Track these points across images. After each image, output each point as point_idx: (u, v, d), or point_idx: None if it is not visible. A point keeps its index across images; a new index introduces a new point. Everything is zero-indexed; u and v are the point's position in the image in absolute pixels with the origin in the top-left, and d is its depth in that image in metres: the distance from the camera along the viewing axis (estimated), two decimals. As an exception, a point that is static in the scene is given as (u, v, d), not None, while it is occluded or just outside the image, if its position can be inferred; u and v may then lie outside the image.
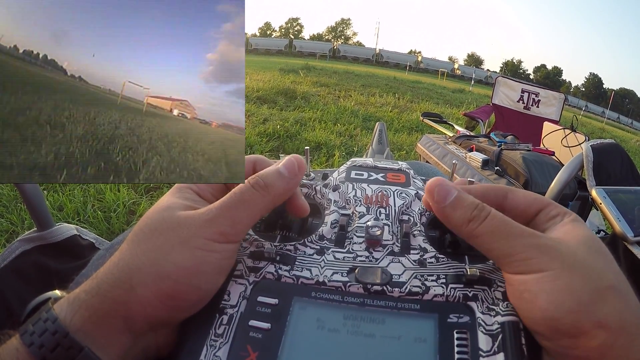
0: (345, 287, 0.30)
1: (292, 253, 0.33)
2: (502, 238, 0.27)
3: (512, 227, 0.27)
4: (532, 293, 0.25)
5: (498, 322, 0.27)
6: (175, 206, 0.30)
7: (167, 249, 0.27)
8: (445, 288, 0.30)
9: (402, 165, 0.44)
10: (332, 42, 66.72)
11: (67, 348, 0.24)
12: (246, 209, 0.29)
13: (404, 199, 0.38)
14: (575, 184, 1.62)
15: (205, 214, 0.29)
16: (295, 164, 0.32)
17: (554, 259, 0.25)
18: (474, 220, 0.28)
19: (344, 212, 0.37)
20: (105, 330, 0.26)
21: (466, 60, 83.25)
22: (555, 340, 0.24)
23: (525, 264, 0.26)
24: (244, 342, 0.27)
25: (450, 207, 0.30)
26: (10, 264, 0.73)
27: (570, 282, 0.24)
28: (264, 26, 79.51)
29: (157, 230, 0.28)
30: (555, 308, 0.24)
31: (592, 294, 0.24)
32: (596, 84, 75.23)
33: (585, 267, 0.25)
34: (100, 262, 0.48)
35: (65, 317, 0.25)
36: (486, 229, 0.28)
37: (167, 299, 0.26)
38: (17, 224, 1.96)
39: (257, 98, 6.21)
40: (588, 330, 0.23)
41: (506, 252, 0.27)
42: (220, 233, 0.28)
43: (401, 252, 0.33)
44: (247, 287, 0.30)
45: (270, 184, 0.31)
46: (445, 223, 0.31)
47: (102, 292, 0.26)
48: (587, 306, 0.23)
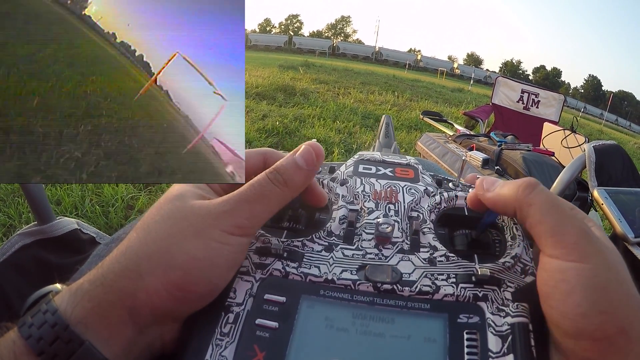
0: (355, 285, 0.29)
1: (299, 249, 0.32)
2: (554, 212, 0.26)
3: (564, 204, 0.27)
4: (569, 284, 0.24)
5: (508, 323, 0.27)
6: (188, 195, 0.29)
7: (180, 238, 0.26)
8: (456, 288, 0.29)
9: (411, 160, 0.43)
10: (332, 40, 66.71)
11: (66, 341, 0.23)
12: (265, 203, 0.29)
13: (413, 195, 0.37)
14: (575, 185, 1.63)
15: (222, 205, 0.28)
16: (313, 153, 0.31)
17: (598, 253, 0.25)
18: (526, 187, 0.28)
19: (353, 207, 0.36)
20: (108, 322, 0.25)
21: (465, 60, 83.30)
22: (576, 339, 0.24)
23: (570, 248, 0.25)
24: (250, 341, 0.26)
25: (499, 187, 0.31)
26: (10, 258, 0.72)
27: (607, 281, 0.24)
28: (264, 22, 79.30)
29: (170, 218, 0.27)
30: (589, 305, 0.23)
31: (623, 299, 0.23)
32: (595, 86, 75.42)
33: (619, 270, 0.25)
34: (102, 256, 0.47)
35: (66, 309, 0.24)
36: (541, 197, 0.27)
37: (176, 289, 0.26)
38: (14, 217, 1.95)
39: (256, 94, 6.20)
40: (611, 334, 0.23)
41: (557, 229, 0.26)
42: (237, 226, 0.28)
43: (411, 250, 0.32)
44: (253, 284, 0.29)
45: (290, 179, 0.30)
46: (495, 205, 0.31)
47: (107, 281, 0.25)
48: (616, 310, 0.23)
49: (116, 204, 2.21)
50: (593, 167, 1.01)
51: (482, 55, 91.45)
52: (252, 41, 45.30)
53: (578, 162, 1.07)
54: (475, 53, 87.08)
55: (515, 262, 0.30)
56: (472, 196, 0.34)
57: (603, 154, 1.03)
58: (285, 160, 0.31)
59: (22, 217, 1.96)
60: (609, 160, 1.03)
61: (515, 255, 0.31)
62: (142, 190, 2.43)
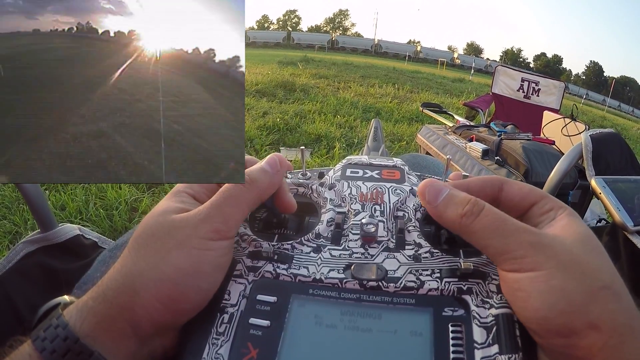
0: (342, 283, 0.31)
1: (289, 252, 0.33)
2: (497, 235, 0.27)
3: (507, 223, 0.27)
4: (525, 292, 0.25)
5: (492, 315, 0.28)
6: (170, 210, 0.31)
7: (164, 252, 0.28)
8: (440, 282, 0.30)
9: (397, 162, 0.44)
10: (331, 34, 66.38)
11: (77, 353, 0.25)
12: (235, 204, 0.31)
13: (399, 195, 0.39)
14: (576, 173, 1.63)
15: (198, 214, 0.30)
16: (277, 160, 0.34)
17: (549, 258, 0.25)
18: (466, 215, 0.28)
19: (340, 210, 0.38)
20: (112, 335, 0.26)
21: (466, 50, 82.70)
22: (547, 338, 0.25)
23: (520, 262, 0.26)
24: (244, 339, 0.28)
25: (442, 205, 0.30)
26: (15, 266, 0.74)
27: (564, 282, 0.24)
28: (262, 19, 79.04)
29: (154, 235, 0.29)
30: (547, 308, 0.24)
31: (585, 295, 0.24)
32: (597, 72, 74.73)
33: (580, 267, 0.25)
34: (103, 266, 0.49)
35: (75, 324, 0.26)
36: (480, 225, 0.28)
37: (169, 301, 0.27)
38: (20, 225, 1.97)
39: (256, 91, 6.19)
40: (580, 330, 0.23)
41: (500, 249, 0.27)
42: (214, 231, 0.29)
43: (396, 248, 0.33)
44: (246, 286, 0.31)
45: (255, 179, 0.32)
46: (440, 222, 0.31)
47: (107, 298, 0.27)
48: (579, 307, 0.24)
49: (120, 206, 2.23)
50: (590, 155, 1.01)
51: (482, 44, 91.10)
52: (251, 38, 45.11)
53: (575, 151, 1.07)
54: (475, 42, 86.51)
55: None
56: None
57: (600, 143, 1.03)
58: (253, 167, 0.33)
59: (27, 223, 1.97)
60: (607, 149, 1.03)
61: None
62: (146, 192, 2.45)
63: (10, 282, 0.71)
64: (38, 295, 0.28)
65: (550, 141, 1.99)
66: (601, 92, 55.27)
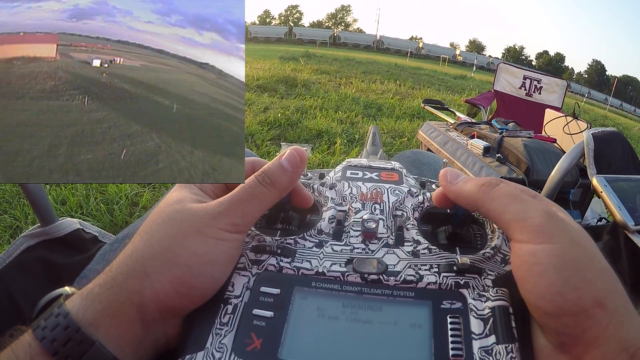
0: (344, 276, 0.32)
1: (292, 246, 0.34)
2: (516, 201, 0.28)
3: (525, 193, 0.29)
4: (541, 266, 0.25)
5: (489, 307, 0.29)
6: (186, 199, 0.32)
7: (181, 237, 0.29)
8: (438, 276, 0.31)
9: (395, 165, 0.46)
10: (333, 29, 66.10)
11: (78, 342, 0.25)
12: (256, 203, 0.31)
13: (398, 195, 0.40)
14: (577, 172, 1.62)
15: (218, 206, 0.31)
16: (297, 157, 0.34)
17: (564, 232, 0.26)
18: (486, 185, 0.30)
19: (341, 208, 0.39)
20: (118, 321, 0.27)
21: (468, 47, 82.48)
22: (556, 317, 0.25)
23: (538, 230, 0.26)
24: (248, 330, 0.29)
25: (462, 182, 0.32)
26: (16, 260, 0.74)
27: (577, 258, 0.25)
28: (263, 14, 78.78)
29: (171, 220, 0.30)
30: (562, 283, 0.24)
31: (594, 273, 0.25)
32: (599, 71, 74.50)
33: (587, 246, 0.26)
34: (104, 260, 0.49)
35: (78, 312, 0.26)
36: (500, 192, 0.29)
37: (181, 285, 0.28)
38: (20, 219, 1.97)
39: (257, 87, 6.18)
40: (588, 308, 0.24)
41: (519, 215, 0.28)
42: (232, 224, 0.30)
43: (395, 244, 0.35)
44: (250, 278, 0.32)
45: (276, 180, 0.33)
46: (457, 199, 0.33)
47: (117, 283, 0.27)
48: (589, 284, 0.24)
49: (120, 201, 2.23)
50: (592, 154, 1.01)
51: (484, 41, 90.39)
52: (252, 33, 44.92)
53: (576, 149, 1.07)
54: (477, 39, 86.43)
55: (495, 252, 0.33)
56: (437, 193, 0.36)
57: (602, 141, 1.03)
58: (272, 164, 0.34)
59: (28, 218, 1.98)
60: (609, 148, 1.03)
61: (494, 247, 0.33)
62: (146, 187, 2.45)
63: (10, 276, 0.71)
64: (38, 290, 0.29)
65: (551, 139, 1.98)
66: (603, 91, 55.05)
